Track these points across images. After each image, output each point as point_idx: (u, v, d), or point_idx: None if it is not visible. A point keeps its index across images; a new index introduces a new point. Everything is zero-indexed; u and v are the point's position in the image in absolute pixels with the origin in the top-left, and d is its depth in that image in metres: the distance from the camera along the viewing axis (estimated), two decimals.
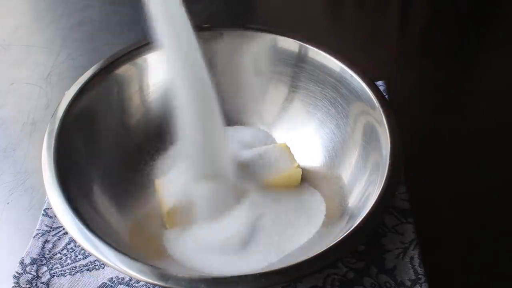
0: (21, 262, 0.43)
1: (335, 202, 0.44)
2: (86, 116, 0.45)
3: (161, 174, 0.47)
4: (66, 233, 0.45)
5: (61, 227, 0.45)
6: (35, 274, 0.42)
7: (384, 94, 0.50)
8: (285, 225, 0.42)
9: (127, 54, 0.48)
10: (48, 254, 0.44)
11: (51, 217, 0.46)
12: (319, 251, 0.35)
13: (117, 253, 0.35)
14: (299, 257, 0.36)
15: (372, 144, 0.43)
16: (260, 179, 0.44)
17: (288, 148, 0.47)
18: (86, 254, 0.44)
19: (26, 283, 0.42)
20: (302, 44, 0.49)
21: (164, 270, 0.34)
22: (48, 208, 0.47)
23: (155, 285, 0.34)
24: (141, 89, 0.50)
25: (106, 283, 0.42)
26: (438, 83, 0.61)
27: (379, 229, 0.45)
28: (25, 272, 0.42)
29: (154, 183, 0.46)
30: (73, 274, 0.42)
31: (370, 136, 0.43)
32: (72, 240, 0.45)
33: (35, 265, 0.43)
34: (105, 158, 0.45)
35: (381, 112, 0.42)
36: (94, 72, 0.46)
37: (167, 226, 0.43)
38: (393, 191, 0.38)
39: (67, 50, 0.65)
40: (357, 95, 0.45)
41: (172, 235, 0.43)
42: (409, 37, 0.68)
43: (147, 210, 0.45)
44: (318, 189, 0.46)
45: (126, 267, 0.34)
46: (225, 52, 0.51)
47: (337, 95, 0.47)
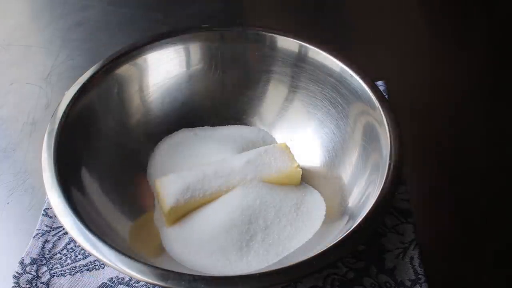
0: (21, 262, 0.43)
1: (335, 202, 0.44)
2: (86, 116, 0.45)
3: (161, 174, 0.47)
4: (66, 233, 0.45)
5: (61, 227, 0.45)
6: (35, 274, 0.42)
7: (384, 94, 0.50)
8: (285, 225, 0.42)
9: (127, 54, 0.48)
10: (48, 254, 0.44)
11: (51, 217, 0.46)
12: (319, 251, 0.35)
13: (117, 253, 0.35)
14: (299, 257, 0.36)
15: (372, 144, 0.43)
16: (260, 179, 0.44)
17: (288, 148, 0.47)
18: (86, 254, 0.44)
19: (26, 283, 0.42)
20: (302, 44, 0.49)
21: (164, 270, 0.34)
22: (48, 208, 0.47)
23: (155, 285, 0.34)
24: (141, 89, 0.50)
25: (106, 283, 0.42)
26: (438, 83, 0.61)
27: (379, 229, 0.45)
28: (25, 272, 0.42)
29: (154, 183, 0.46)
30: (73, 274, 0.42)
31: (370, 136, 0.43)
32: (72, 240, 0.45)
33: (35, 265, 0.43)
34: (105, 158, 0.45)
35: (381, 112, 0.42)
36: (94, 72, 0.46)
37: (167, 226, 0.43)
38: (393, 191, 0.38)
39: (67, 50, 0.65)
40: (357, 95, 0.45)
41: (172, 235, 0.43)
42: (409, 37, 0.68)
43: (147, 210, 0.45)
44: (318, 189, 0.46)
45: (126, 267, 0.34)
46: (225, 52, 0.51)
47: (337, 95, 0.47)
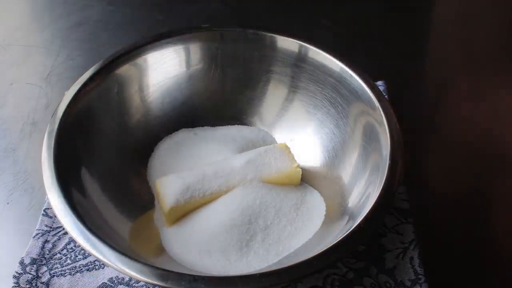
0: (21, 262, 0.43)
1: (335, 202, 0.44)
2: (86, 116, 0.45)
3: (161, 174, 0.47)
4: (66, 233, 0.45)
5: (61, 227, 0.45)
6: (35, 274, 0.42)
7: (384, 94, 0.50)
8: (285, 225, 0.43)
9: (127, 54, 0.48)
10: (48, 254, 0.44)
11: (51, 217, 0.46)
12: (319, 251, 0.35)
13: (117, 253, 0.35)
14: (299, 257, 0.36)
15: (372, 144, 0.43)
16: (260, 179, 0.44)
17: (288, 148, 0.47)
18: (86, 254, 0.44)
19: (26, 283, 0.42)
20: (302, 44, 0.49)
21: (164, 270, 0.34)
22: (48, 208, 0.47)
23: (155, 285, 0.34)
24: (141, 89, 0.50)
25: (106, 283, 0.42)
26: (438, 83, 0.61)
27: (379, 229, 0.45)
28: (25, 272, 0.42)
29: (154, 183, 0.46)
30: (73, 274, 0.42)
31: (370, 136, 0.43)
32: (72, 240, 0.45)
33: (35, 265, 0.43)
34: (105, 158, 0.45)
35: (381, 112, 0.42)
36: (94, 72, 0.46)
37: (167, 226, 0.43)
38: (393, 191, 0.38)
39: (67, 50, 0.65)
40: (357, 95, 0.45)
41: (172, 235, 0.43)
42: (409, 37, 0.68)
43: (147, 210, 0.45)
44: (318, 189, 0.46)
45: (126, 267, 0.34)
46: (225, 52, 0.51)
47: (337, 95, 0.47)
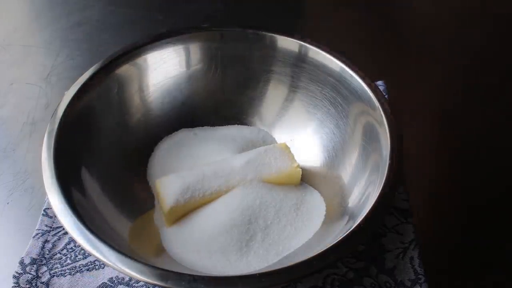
0: (21, 262, 0.43)
1: (335, 202, 0.44)
2: (86, 116, 0.45)
3: (161, 174, 0.47)
4: (66, 233, 0.45)
5: (61, 227, 0.45)
6: (35, 274, 0.42)
7: (384, 94, 0.50)
8: (285, 225, 0.42)
9: (127, 54, 0.48)
10: (48, 254, 0.44)
11: (51, 217, 0.46)
12: (319, 251, 0.35)
13: (117, 253, 0.35)
14: (299, 257, 0.36)
15: (372, 144, 0.43)
16: (260, 179, 0.44)
17: (288, 148, 0.47)
18: (86, 254, 0.44)
19: (26, 283, 0.42)
20: (302, 44, 0.49)
21: (164, 270, 0.34)
22: (48, 208, 0.47)
23: (155, 285, 0.34)
24: (141, 89, 0.50)
25: (106, 283, 0.42)
26: (438, 83, 0.61)
27: (379, 229, 0.45)
28: (25, 272, 0.42)
29: (154, 183, 0.46)
30: (73, 274, 0.42)
31: (370, 136, 0.43)
32: (72, 240, 0.45)
33: (35, 265, 0.43)
34: (105, 158, 0.45)
35: (381, 112, 0.42)
36: (94, 72, 0.46)
37: (166, 226, 0.43)
38: (393, 191, 0.38)
39: (67, 50, 0.65)
40: (357, 95, 0.45)
41: (172, 235, 0.43)
42: (409, 37, 0.68)
43: (147, 210, 0.45)
44: (318, 189, 0.46)
45: (126, 267, 0.34)
46: (225, 52, 0.51)
47: (337, 95, 0.47)
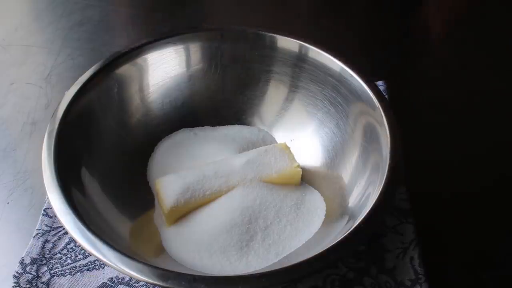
0: (21, 262, 0.43)
1: (335, 202, 0.44)
2: (86, 116, 0.45)
3: (161, 174, 0.47)
4: (66, 233, 0.45)
5: (61, 227, 0.45)
6: (35, 274, 0.42)
7: (384, 94, 0.50)
8: (285, 225, 0.43)
9: (127, 54, 0.48)
10: (48, 254, 0.44)
11: (51, 217, 0.46)
12: (319, 251, 0.35)
13: (117, 253, 0.35)
14: (299, 257, 0.36)
15: (372, 144, 0.43)
16: (260, 179, 0.44)
17: (288, 148, 0.47)
18: (86, 254, 0.44)
19: (26, 283, 0.42)
20: (302, 44, 0.49)
21: (164, 270, 0.34)
22: (48, 208, 0.47)
23: (155, 285, 0.34)
24: (141, 89, 0.50)
25: (106, 283, 0.42)
26: (438, 83, 0.61)
27: (379, 229, 0.45)
28: (25, 272, 0.42)
29: (154, 183, 0.46)
30: (73, 274, 0.42)
31: (370, 136, 0.43)
32: (72, 240, 0.45)
33: (35, 265, 0.43)
34: (105, 158, 0.45)
35: (381, 112, 0.42)
36: (94, 72, 0.46)
37: (167, 226, 0.43)
38: (393, 191, 0.38)
39: (67, 50, 0.65)
40: (357, 95, 0.45)
41: (172, 235, 0.43)
42: (409, 37, 0.68)
43: (147, 210, 0.45)
44: (318, 189, 0.46)
45: (126, 267, 0.34)
46: (225, 52, 0.51)
47: (337, 95, 0.47)
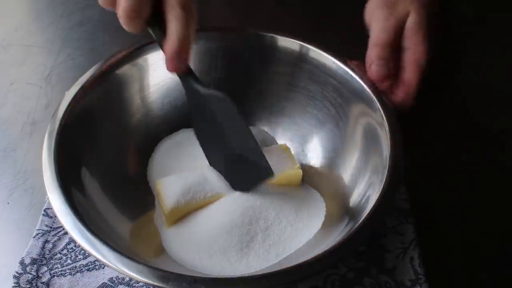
0: (21, 262, 0.43)
1: (335, 202, 0.44)
2: (86, 116, 0.45)
3: (161, 174, 0.47)
4: (66, 233, 0.45)
5: (61, 227, 0.45)
6: (35, 274, 0.42)
7: None
8: (286, 226, 0.42)
9: (127, 54, 0.48)
10: (48, 254, 0.44)
11: (51, 217, 0.46)
12: (320, 252, 0.35)
13: (117, 254, 0.35)
14: (299, 258, 0.36)
15: (373, 145, 0.43)
16: None
17: (288, 148, 0.47)
18: (86, 254, 0.44)
19: (26, 283, 0.42)
20: (302, 44, 0.49)
21: (165, 271, 0.34)
22: (48, 208, 0.47)
23: (155, 286, 0.34)
24: (141, 89, 0.50)
25: (106, 283, 0.42)
26: (438, 84, 0.61)
27: (379, 229, 0.45)
28: (25, 272, 0.42)
29: (154, 184, 0.46)
30: (73, 274, 0.42)
31: (370, 137, 0.43)
32: (72, 240, 0.45)
33: (35, 265, 0.43)
34: (105, 158, 0.45)
35: (382, 114, 0.42)
36: (94, 72, 0.46)
37: (167, 226, 0.43)
38: (393, 192, 0.38)
39: (67, 50, 0.65)
40: (358, 96, 0.45)
41: (172, 235, 0.43)
42: None
43: (147, 210, 0.45)
44: (318, 189, 0.46)
45: (126, 268, 0.34)
46: (225, 52, 0.51)
47: (338, 96, 0.47)
